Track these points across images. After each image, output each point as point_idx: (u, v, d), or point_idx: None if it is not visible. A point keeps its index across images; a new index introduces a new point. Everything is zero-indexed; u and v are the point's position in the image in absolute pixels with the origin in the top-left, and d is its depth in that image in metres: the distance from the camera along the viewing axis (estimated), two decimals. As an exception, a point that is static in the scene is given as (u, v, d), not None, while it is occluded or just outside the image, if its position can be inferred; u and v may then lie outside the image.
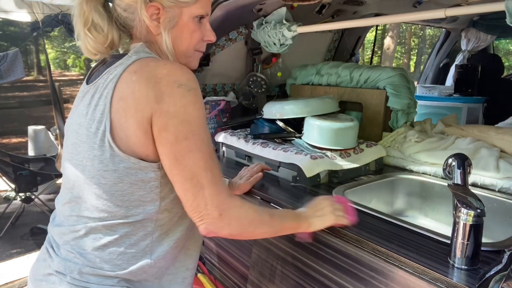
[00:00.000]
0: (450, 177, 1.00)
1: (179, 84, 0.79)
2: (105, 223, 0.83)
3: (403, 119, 1.71)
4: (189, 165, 0.79)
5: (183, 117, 0.79)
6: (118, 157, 0.80)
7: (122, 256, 0.84)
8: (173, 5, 0.87)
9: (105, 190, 0.82)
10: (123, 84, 0.80)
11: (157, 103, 0.77)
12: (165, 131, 0.78)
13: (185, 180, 0.79)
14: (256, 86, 2.14)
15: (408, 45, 15.60)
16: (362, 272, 0.92)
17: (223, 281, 1.59)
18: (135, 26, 0.90)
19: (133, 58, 0.84)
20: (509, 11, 0.99)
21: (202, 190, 0.79)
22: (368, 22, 1.78)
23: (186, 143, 0.79)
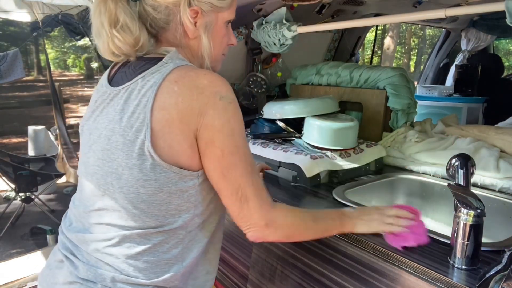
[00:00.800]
0: (454, 178, 1.00)
1: (220, 96, 0.79)
2: (140, 232, 0.82)
3: (403, 119, 1.71)
4: (234, 179, 0.81)
5: (228, 131, 0.80)
6: (159, 166, 0.78)
7: (156, 264, 0.83)
8: (211, 10, 0.87)
9: (144, 200, 0.80)
10: (164, 94, 0.78)
11: (201, 116, 0.78)
12: (212, 146, 0.79)
13: (231, 193, 0.82)
14: (256, 86, 2.14)
15: (408, 45, 15.60)
16: (362, 272, 0.92)
17: (223, 281, 1.59)
18: (170, 29, 0.87)
19: (170, 66, 0.82)
20: (509, 11, 1.00)
21: (247, 202, 0.82)
22: (368, 22, 1.78)
23: (232, 158, 0.80)
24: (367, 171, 1.50)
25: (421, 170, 1.48)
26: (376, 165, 1.54)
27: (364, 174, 1.48)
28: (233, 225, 1.45)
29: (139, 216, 0.81)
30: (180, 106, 0.77)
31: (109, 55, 0.86)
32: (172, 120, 0.77)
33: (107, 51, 0.86)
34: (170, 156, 0.79)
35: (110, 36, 0.83)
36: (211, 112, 0.78)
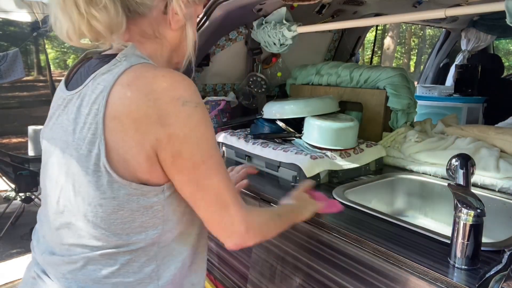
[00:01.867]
0: (454, 178, 1.00)
1: (184, 102, 0.70)
2: (104, 252, 0.75)
3: (403, 119, 1.71)
4: (211, 188, 0.75)
5: (196, 140, 0.72)
6: (116, 183, 0.70)
7: (127, 286, 0.77)
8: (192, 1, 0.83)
9: (103, 219, 0.72)
10: (116, 100, 0.69)
11: (162, 126, 0.69)
12: (181, 158, 0.71)
13: (210, 203, 0.76)
14: (256, 86, 2.14)
15: (408, 45, 15.60)
16: (362, 272, 0.92)
17: (223, 281, 1.59)
18: (149, 16, 0.79)
19: (123, 65, 0.72)
20: (509, 11, 0.99)
21: (227, 209, 0.76)
22: (368, 22, 1.78)
23: (205, 167, 0.74)
24: (367, 171, 1.50)
25: (421, 170, 1.48)
26: (376, 165, 1.54)
27: (364, 174, 1.48)
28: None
29: (100, 236, 0.74)
30: (135, 114, 0.68)
31: (75, 40, 0.74)
32: (126, 131, 0.69)
33: (74, 34, 0.74)
34: (127, 171, 0.71)
35: (85, 16, 0.71)
36: (173, 120, 0.69)
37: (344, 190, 1.29)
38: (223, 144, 1.81)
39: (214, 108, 1.95)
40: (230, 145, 1.75)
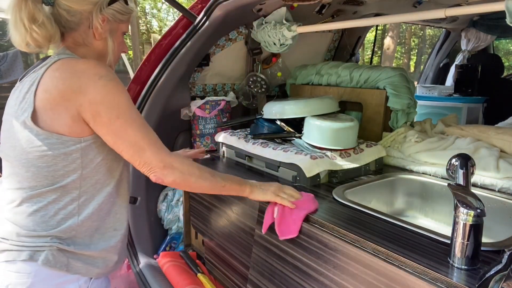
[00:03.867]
0: (453, 178, 1.00)
1: (100, 76, 0.97)
2: (35, 192, 1.00)
3: (403, 119, 1.71)
4: (127, 136, 0.99)
5: (110, 103, 0.98)
6: (42, 135, 0.96)
7: (52, 218, 1.01)
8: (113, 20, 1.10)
9: (33, 163, 0.98)
10: (46, 79, 0.97)
11: (83, 95, 0.95)
12: (99, 117, 0.97)
13: (129, 148, 1.00)
14: (256, 86, 2.14)
15: (408, 45, 15.60)
16: (362, 272, 0.92)
17: (223, 281, 1.59)
18: (78, 30, 1.06)
19: (54, 59, 1.00)
20: (509, 11, 1.00)
21: (144, 152, 1.00)
22: (368, 22, 1.78)
23: (120, 122, 0.98)
24: (367, 171, 1.50)
25: (421, 170, 1.48)
26: (376, 165, 1.54)
27: (364, 174, 1.48)
28: (233, 225, 1.45)
29: (32, 178, 0.99)
30: (61, 87, 0.96)
31: (24, 47, 1.02)
32: (54, 99, 0.96)
33: (23, 43, 1.01)
34: (50, 127, 0.97)
35: (29, 31, 0.99)
36: (92, 89, 0.96)
37: (344, 190, 1.29)
38: (223, 144, 1.81)
39: (214, 108, 1.95)
40: (230, 145, 1.75)
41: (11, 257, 0.99)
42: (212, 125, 1.96)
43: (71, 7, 1.04)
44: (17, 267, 0.98)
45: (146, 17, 17.11)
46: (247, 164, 1.67)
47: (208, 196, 1.62)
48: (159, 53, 1.84)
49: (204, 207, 1.67)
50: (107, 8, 1.08)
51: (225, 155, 1.82)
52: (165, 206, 2.06)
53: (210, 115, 1.94)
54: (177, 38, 1.81)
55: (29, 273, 0.98)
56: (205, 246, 1.71)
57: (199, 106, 1.93)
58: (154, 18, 17.75)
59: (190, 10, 1.79)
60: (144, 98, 1.84)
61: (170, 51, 1.80)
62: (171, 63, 1.81)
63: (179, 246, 2.07)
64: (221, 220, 1.55)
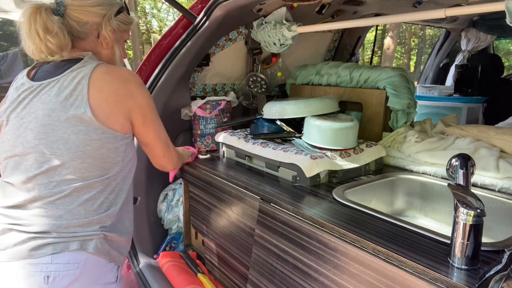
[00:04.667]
0: (453, 178, 1.00)
1: (139, 84, 1.17)
2: (87, 182, 1.08)
3: (403, 119, 1.71)
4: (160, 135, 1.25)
5: (151, 106, 1.20)
6: (100, 129, 1.08)
7: (100, 206, 1.11)
8: (119, 30, 1.24)
9: (90, 155, 1.07)
10: (98, 80, 1.08)
11: (133, 99, 1.13)
12: (147, 118, 1.18)
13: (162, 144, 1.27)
14: (256, 86, 2.14)
15: (408, 45, 15.60)
16: (362, 272, 0.92)
17: (223, 281, 1.59)
18: (87, 39, 1.18)
19: (93, 63, 1.12)
20: (509, 11, 1.00)
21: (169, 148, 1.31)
22: (368, 22, 1.78)
23: (156, 122, 1.23)
24: (367, 171, 1.50)
25: (421, 170, 1.48)
26: (376, 165, 1.54)
27: (364, 174, 1.48)
28: (233, 225, 1.45)
29: (86, 169, 1.08)
30: (115, 89, 1.10)
31: (37, 55, 1.11)
32: (109, 98, 1.09)
33: (37, 52, 1.10)
34: (105, 123, 1.08)
35: (44, 41, 1.07)
36: (139, 95, 1.15)
37: (344, 190, 1.29)
38: (223, 144, 1.81)
39: (214, 108, 1.94)
40: (230, 145, 1.75)
41: (58, 248, 1.02)
42: (212, 125, 1.96)
43: (82, 18, 1.15)
44: (66, 258, 1.02)
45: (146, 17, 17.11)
46: (247, 164, 1.67)
47: (208, 196, 1.63)
48: (159, 53, 1.84)
49: (204, 207, 1.67)
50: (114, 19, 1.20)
51: (225, 155, 1.82)
52: (165, 206, 2.06)
53: (210, 115, 1.94)
54: (177, 38, 1.81)
55: (79, 263, 1.03)
56: (205, 246, 1.71)
57: (200, 106, 1.93)
58: (154, 18, 17.75)
59: (190, 10, 1.79)
60: (144, 98, 1.84)
61: (170, 51, 1.80)
62: (171, 63, 1.81)
63: (179, 246, 2.07)
64: (221, 220, 1.55)
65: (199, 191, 1.69)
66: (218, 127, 1.95)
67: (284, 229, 1.16)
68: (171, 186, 2.06)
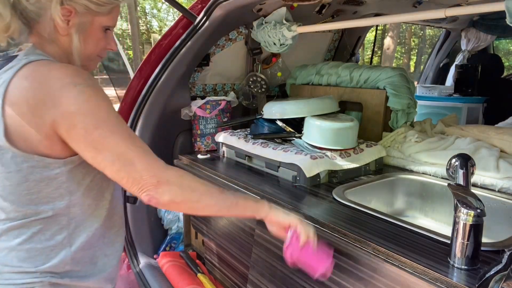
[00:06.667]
0: (453, 178, 0.99)
1: (75, 84, 0.80)
2: (16, 223, 0.85)
3: (403, 119, 1.71)
4: (110, 149, 0.81)
5: (87, 111, 0.80)
6: (20, 157, 0.80)
7: (40, 252, 0.86)
8: (86, 12, 0.88)
9: (11, 191, 0.83)
10: (14, 90, 0.79)
11: (55, 108, 0.79)
12: (74, 129, 0.80)
13: (113, 162, 0.81)
14: (256, 86, 2.14)
15: (408, 45, 15.60)
16: (362, 272, 0.92)
17: (223, 281, 1.59)
18: (41, 22, 0.87)
19: (23, 62, 0.82)
20: (509, 11, 0.99)
21: (132, 165, 0.81)
22: (368, 22, 1.78)
23: (99, 132, 0.80)
24: (367, 171, 1.50)
25: (421, 170, 1.48)
26: (376, 165, 1.54)
27: (364, 174, 1.48)
28: (233, 225, 1.45)
29: (11, 208, 0.84)
30: (31, 101, 0.78)
31: None
32: (24, 114, 0.79)
33: None
34: (28, 147, 0.80)
35: None
36: (65, 101, 0.79)
37: (344, 190, 1.29)
38: (223, 144, 1.81)
39: (214, 108, 1.94)
40: (230, 145, 1.75)
41: None
42: (212, 125, 1.96)
43: None
44: None
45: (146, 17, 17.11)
46: (247, 164, 1.67)
47: (208, 196, 1.62)
48: (159, 53, 1.84)
49: (204, 207, 1.67)
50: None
51: (225, 155, 1.82)
52: (165, 206, 2.05)
53: (210, 115, 1.94)
54: (177, 38, 1.81)
55: None
56: (205, 246, 1.71)
57: (200, 106, 1.93)
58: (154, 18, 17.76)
59: (190, 10, 1.79)
60: (144, 98, 1.84)
61: (170, 51, 1.80)
62: (171, 63, 1.81)
63: (179, 246, 2.07)
64: (221, 220, 1.55)
65: (199, 191, 1.69)
66: (218, 127, 1.95)
67: (284, 229, 1.16)
68: (171, 186, 2.06)
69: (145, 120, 1.87)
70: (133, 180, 0.81)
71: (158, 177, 0.82)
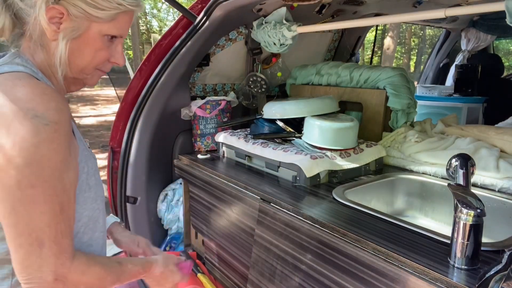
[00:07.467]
0: (453, 178, 0.99)
1: (33, 115, 0.64)
2: None
3: (403, 119, 1.71)
4: (29, 218, 0.65)
5: (32, 159, 0.64)
6: None
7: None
8: (81, 15, 0.75)
9: None
10: None
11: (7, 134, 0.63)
12: (3, 172, 0.64)
13: (20, 234, 0.66)
14: (256, 86, 2.14)
15: (408, 45, 15.60)
16: (362, 272, 0.92)
17: (223, 281, 1.59)
18: (29, 22, 0.76)
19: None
20: (509, 11, 0.99)
21: (40, 248, 0.66)
22: (368, 22, 1.78)
23: (31, 192, 0.65)
24: (367, 171, 1.50)
25: (421, 170, 1.48)
26: (376, 165, 1.54)
27: (364, 174, 1.48)
28: (233, 225, 1.45)
29: None
30: None
31: None
32: None
33: None
34: None
35: None
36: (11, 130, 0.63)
37: (344, 190, 1.29)
38: (223, 144, 1.81)
39: (214, 108, 1.94)
40: (230, 145, 1.76)
41: None
42: (212, 125, 1.96)
43: None
44: None
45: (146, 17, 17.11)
46: (247, 164, 1.67)
47: (208, 196, 1.63)
48: (159, 53, 1.84)
49: (204, 207, 1.67)
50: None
51: (225, 155, 1.82)
52: (165, 206, 2.06)
53: (210, 115, 1.94)
54: (177, 38, 1.81)
55: None
56: (205, 246, 1.71)
57: (200, 106, 1.93)
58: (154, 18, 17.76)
59: (190, 10, 1.79)
60: (144, 98, 1.84)
61: (170, 51, 1.80)
62: (171, 63, 1.81)
63: (179, 246, 2.07)
64: (221, 220, 1.55)
65: (199, 191, 1.69)
66: (218, 127, 1.95)
67: (284, 229, 1.16)
68: (171, 186, 2.06)
69: (145, 120, 1.87)
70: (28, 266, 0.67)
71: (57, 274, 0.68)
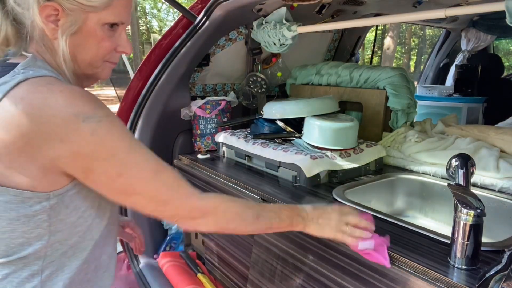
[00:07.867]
0: (453, 178, 0.99)
1: (84, 118, 0.66)
2: None
3: (403, 119, 1.71)
4: (139, 192, 0.73)
5: (106, 155, 0.69)
6: None
7: None
8: (75, 8, 0.73)
9: None
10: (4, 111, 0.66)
11: (61, 142, 0.66)
12: (93, 174, 0.70)
13: (145, 206, 0.76)
14: (256, 86, 2.14)
15: (408, 45, 15.61)
16: (362, 272, 0.92)
17: (223, 281, 1.59)
18: (29, 25, 0.74)
19: (19, 78, 0.68)
20: (509, 11, 0.99)
21: (165, 205, 0.77)
22: (368, 22, 1.78)
23: (123, 179, 0.71)
24: (367, 171, 1.50)
25: (421, 170, 1.48)
26: (376, 165, 1.54)
27: (364, 174, 1.48)
28: (233, 225, 1.45)
29: None
30: (24, 129, 0.65)
31: None
32: (13, 142, 0.65)
33: None
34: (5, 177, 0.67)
35: None
36: (75, 138, 0.66)
37: (344, 190, 1.29)
38: (223, 144, 1.81)
39: (214, 108, 1.94)
40: (230, 145, 1.76)
41: None
42: (212, 125, 1.96)
43: None
44: None
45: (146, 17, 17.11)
46: (247, 164, 1.67)
47: (208, 196, 1.62)
48: (159, 53, 1.84)
49: (204, 207, 1.67)
50: None
51: (225, 155, 1.82)
52: (165, 206, 2.06)
53: (210, 115, 1.94)
54: (177, 38, 1.81)
55: None
56: (205, 246, 1.71)
57: (200, 106, 1.93)
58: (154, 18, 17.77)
59: (190, 10, 1.79)
60: (144, 98, 1.84)
61: (170, 51, 1.80)
62: (171, 63, 1.81)
63: (179, 246, 2.07)
64: (221, 220, 1.54)
65: (199, 191, 1.69)
66: (218, 127, 1.95)
67: (284, 229, 1.16)
68: (171, 186, 2.06)
69: (145, 120, 1.87)
70: (168, 216, 0.81)
71: (194, 211, 0.79)
